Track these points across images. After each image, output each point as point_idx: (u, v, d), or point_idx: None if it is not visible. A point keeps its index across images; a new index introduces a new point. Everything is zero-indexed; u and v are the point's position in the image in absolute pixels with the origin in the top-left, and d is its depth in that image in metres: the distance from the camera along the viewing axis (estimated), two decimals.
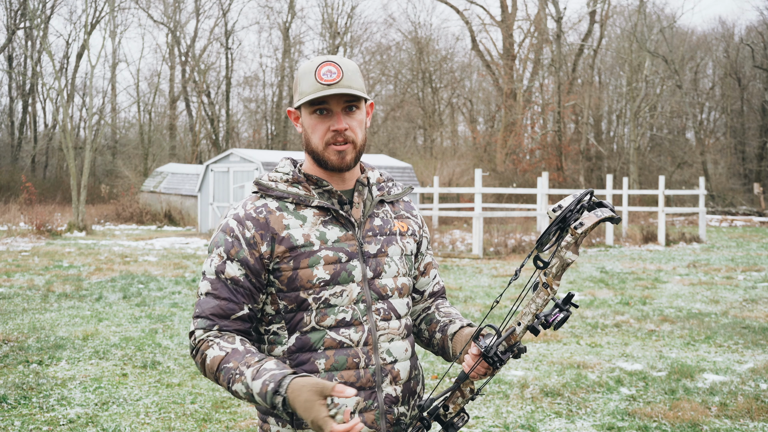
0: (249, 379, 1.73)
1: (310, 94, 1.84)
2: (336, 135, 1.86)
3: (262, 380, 1.71)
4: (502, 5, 38.73)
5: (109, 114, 40.65)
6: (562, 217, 1.70)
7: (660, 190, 19.54)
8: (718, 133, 43.75)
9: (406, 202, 2.10)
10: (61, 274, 12.71)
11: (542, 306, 1.73)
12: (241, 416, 5.26)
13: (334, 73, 1.85)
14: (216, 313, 1.85)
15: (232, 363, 1.78)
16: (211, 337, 1.83)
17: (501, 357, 1.76)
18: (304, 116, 1.91)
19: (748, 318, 8.95)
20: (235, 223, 1.87)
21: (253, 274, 1.86)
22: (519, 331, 1.75)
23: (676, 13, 56.76)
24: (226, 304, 1.85)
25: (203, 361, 1.82)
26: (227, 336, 1.84)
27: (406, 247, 2.01)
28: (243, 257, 1.85)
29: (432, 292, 2.14)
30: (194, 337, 1.86)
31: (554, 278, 1.71)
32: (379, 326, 1.90)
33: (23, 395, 5.65)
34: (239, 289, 1.85)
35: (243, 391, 1.75)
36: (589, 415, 5.32)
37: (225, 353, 1.79)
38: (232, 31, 42.51)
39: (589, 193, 1.72)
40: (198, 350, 1.84)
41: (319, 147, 1.88)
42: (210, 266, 1.88)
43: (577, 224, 1.68)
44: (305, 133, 1.92)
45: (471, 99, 43.87)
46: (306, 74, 1.87)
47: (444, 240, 18.80)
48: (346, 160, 1.88)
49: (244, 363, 1.77)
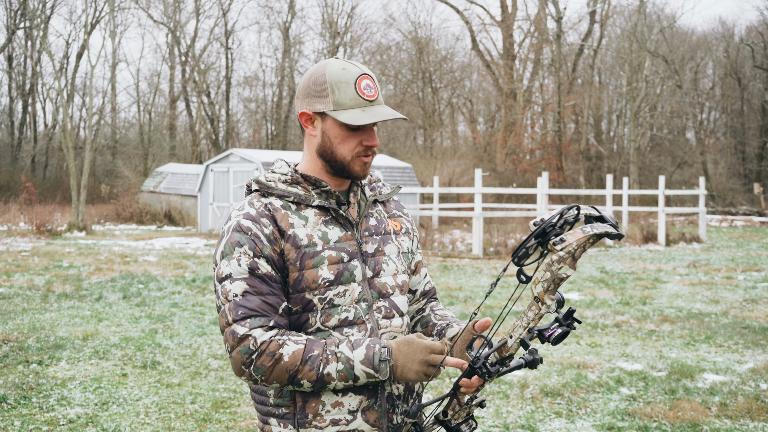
0: (348, 351, 1.77)
1: (352, 110, 1.83)
2: (367, 149, 1.88)
3: (365, 345, 1.77)
4: (502, 5, 38.73)
5: (109, 114, 40.65)
6: (542, 231, 1.63)
7: (660, 190, 19.54)
8: (718, 133, 43.75)
9: (396, 202, 2.12)
10: (61, 274, 12.71)
11: (535, 320, 1.68)
12: (241, 416, 5.26)
13: (373, 89, 1.86)
14: (265, 309, 1.79)
15: (317, 350, 1.76)
16: (278, 336, 1.77)
17: (489, 369, 1.70)
18: (330, 125, 1.87)
19: (748, 318, 8.95)
20: (251, 222, 1.84)
21: (279, 270, 1.83)
22: (511, 343, 1.70)
23: (676, 13, 56.77)
24: (272, 298, 1.81)
25: (276, 361, 1.74)
26: (291, 332, 1.80)
27: (402, 245, 2.02)
28: (268, 254, 1.82)
29: (423, 291, 2.14)
30: (254, 339, 1.75)
31: (547, 292, 1.64)
32: (381, 324, 1.91)
33: (23, 395, 5.65)
34: (275, 285, 1.82)
35: (339, 368, 1.75)
36: (589, 415, 5.31)
37: (303, 345, 1.76)
38: (232, 31, 42.53)
39: (572, 208, 1.65)
40: (262, 352, 1.75)
41: (347, 158, 1.88)
42: (239, 266, 1.80)
43: (556, 240, 1.60)
44: (326, 141, 1.88)
45: (471, 99, 43.88)
46: (342, 84, 1.83)
47: (444, 240, 18.80)
48: (367, 171, 1.92)
49: (332, 343, 1.78)
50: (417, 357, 1.75)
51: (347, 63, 1.86)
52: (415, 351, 1.76)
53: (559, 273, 1.62)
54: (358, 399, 1.84)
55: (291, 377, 1.75)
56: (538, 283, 1.66)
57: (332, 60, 1.90)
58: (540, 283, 1.65)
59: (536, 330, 1.68)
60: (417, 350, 1.76)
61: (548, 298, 1.65)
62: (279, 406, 1.85)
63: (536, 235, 1.64)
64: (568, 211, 1.65)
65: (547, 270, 1.64)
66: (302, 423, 1.83)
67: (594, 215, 1.66)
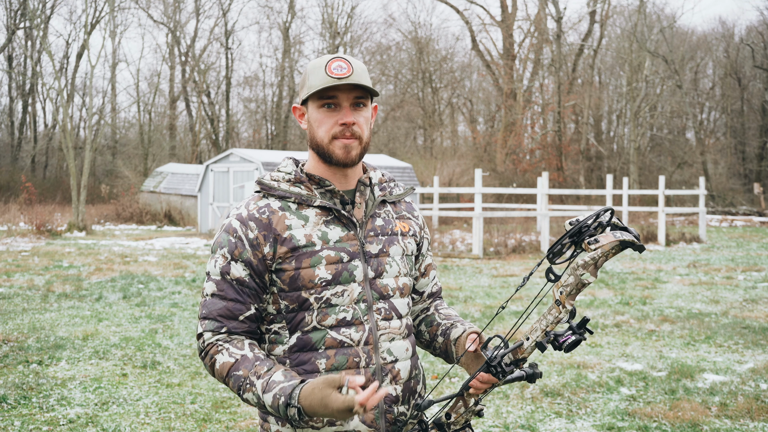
0: (260, 391, 1.76)
1: (320, 86, 1.84)
2: (344, 129, 1.87)
3: (273, 394, 1.73)
4: (502, 5, 38.73)
5: (109, 114, 40.64)
6: (578, 230, 1.65)
7: (660, 190, 19.54)
8: (718, 133, 43.75)
9: (407, 203, 2.11)
10: (61, 274, 12.71)
11: (553, 323, 1.69)
12: (241, 416, 5.26)
13: (345, 68, 1.85)
14: (224, 314, 1.85)
15: (242, 371, 1.79)
16: (221, 342, 1.84)
17: (504, 368, 1.72)
18: (311, 110, 1.90)
19: (748, 318, 8.95)
20: (238, 224, 1.87)
21: (257, 275, 1.86)
22: (527, 345, 1.72)
23: (676, 13, 56.78)
24: (234, 304, 1.85)
25: (212, 365, 1.84)
26: (236, 340, 1.84)
27: (407, 247, 2.02)
28: (247, 258, 1.85)
29: (431, 293, 2.14)
30: (203, 339, 1.87)
31: (568, 296, 1.66)
32: (380, 326, 1.90)
33: (23, 395, 5.65)
34: (245, 290, 1.86)
35: (254, 401, 1.77)
36: (589, 415, 5.31)
37: (234, 360, 1.80)
38: (232, 31, 42.52)
39: (608, 211, 1.67)
40: (207, 353, 1.85)
41: (324, 140, 1.88)
42: (215, 267, 1.87)
43: (591, 240, 1.63)
44: (310, 128, 1.91)
45: (471, 99, 43.87)
46: (316, 69, 1.87)
47: (444, 240, 18.80)
48: (351, 155, 1.88)
49: (254, 373, 1.78)
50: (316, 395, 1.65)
51: (331, 55, 1.89)
52: (314, 391, 1.65)
53: (582, 279, 1.64)
54: None
55: (225, 384, 1.84)
56: (560, 287, 1.67)
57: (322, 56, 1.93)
58: (563, 287, 1.67)
59: (552, 334, 1.69)
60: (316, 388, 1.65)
61: (569, 303, 1.67)
62: None
63: (571, 234, 1.66)
64: (604, 214, 1.67)
65: (572, 274, 1.65)
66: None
67: (620, 225, 1.69)
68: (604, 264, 1.54)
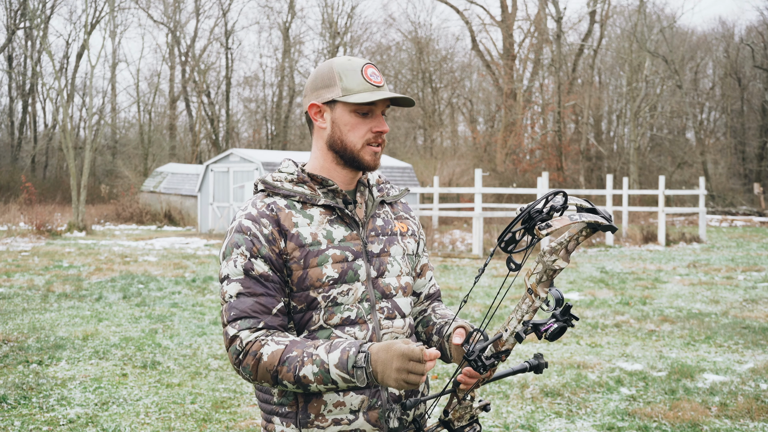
0: (324, 354, 1.72)
1: (361, 93, 1.84)
2: (377, 136, 1.89)
3: (341, 348, 1.71)
4: (502, 5, 38.72)
5: (109, 114, 40.66)
6: (527, 216, 1.58)
7: (660, 190, 19.54)
8: (718, 133, 43.76)
9: (403, 204, 2.13)
10: (61, 274, 12.71)
11: (529, 312, 1.64)
12: (241, 416, 5.26)
13: (378, 76, 1.89)
14: (257, 309, 1.80)
15: (296, 351, 1.74)
16: (262, 336, 1.78)
17: (484, 362, 1.68)
18: (339, 113, 1.88)
19: (748, 318, 8.95)
20: (251, 222, 1.85)
21: (278, 270, 1.84)
22: (506, 337, 1.67)
23: (676, 13, 56.77)
24: (265, 299, 1.82)
25: (258, 361, 1.75)
26: (277, 333, 1.80)
27: (407, 246, 2.03)
28: (266, 253, 1.83)
29: (428, 294, 2.14)
30: (240, 340, 1.77)
31: (540, 284, 1.61)
32: (383, 325, 1.91)
33: (23, 395, 5.65)
34: (270, 284, 1.83)
35: (315, 371, 1.71)
36: (589, 415, 5.31)
37: (284, 346, 1.76)
38: (232, 31, 42.53)
39: (558, 193, 1.60)
40: (247, 353, 1.76)
41: (357, 146, 1.88)
42: (235, 267, 1.83)
43: (542, 225, 1.56)
44: (336, 130, 1.89)
45: (471, 99, 43.87)
46: (350, 72, 1.87)
47: (444, 240, 18.80)
48: (378, 161, 1.92)
49: (311, 345, 1.75)
50: (394, 364, 1.66)
51: (355, 58, 1.90)
52: (391, 358, 1.66)
53: (552, 264, 1.60)
54: (359, 398, 1.84)
55: (273, 377, 1.75)
56: (531, 275, 1.64)
57: (336, 57, 1.93)
58: (533, 274, 1.63)
59: (531, 324, 1.65)
60: (394, 357, 1.66)
61: (542, 290, 1.62)
62: (282, 405, 1.86)
63: (522, 220, 1.59)
64: (554, 197, 1.61)
65: (539, 261, 1.62)
66: (304, 422, 1.84)
67: (586, 207, 1.62)
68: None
